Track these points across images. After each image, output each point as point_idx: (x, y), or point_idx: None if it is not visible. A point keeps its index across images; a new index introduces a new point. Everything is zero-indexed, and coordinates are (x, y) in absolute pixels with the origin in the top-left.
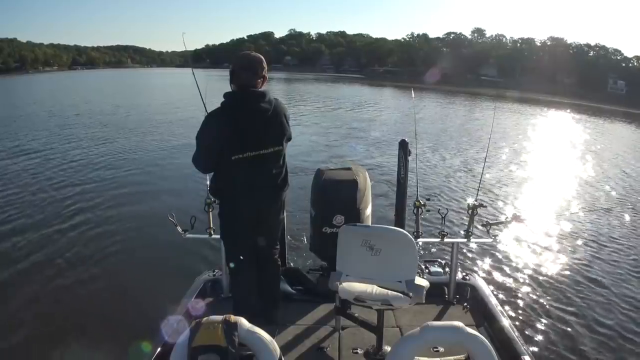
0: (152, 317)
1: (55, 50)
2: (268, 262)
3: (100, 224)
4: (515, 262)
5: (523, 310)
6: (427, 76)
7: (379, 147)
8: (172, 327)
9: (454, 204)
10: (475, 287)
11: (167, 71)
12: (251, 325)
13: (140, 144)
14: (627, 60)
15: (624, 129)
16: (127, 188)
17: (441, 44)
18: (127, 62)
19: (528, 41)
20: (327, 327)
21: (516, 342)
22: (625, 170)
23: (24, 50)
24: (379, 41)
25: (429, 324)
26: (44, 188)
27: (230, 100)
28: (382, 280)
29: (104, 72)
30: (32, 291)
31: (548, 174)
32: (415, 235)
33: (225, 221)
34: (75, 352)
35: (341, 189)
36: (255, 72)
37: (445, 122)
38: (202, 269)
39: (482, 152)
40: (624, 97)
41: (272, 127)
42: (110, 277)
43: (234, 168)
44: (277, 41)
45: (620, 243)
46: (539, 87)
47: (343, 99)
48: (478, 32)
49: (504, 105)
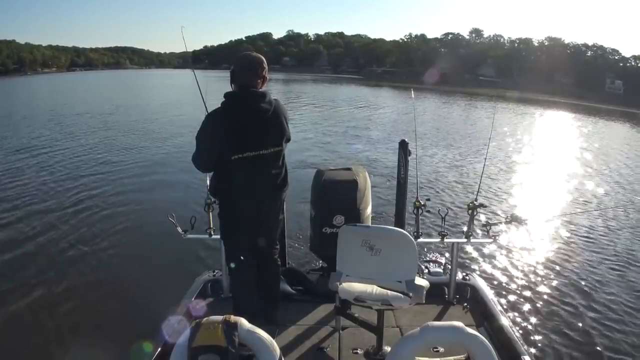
0: (152, 317)
1: (54, 51)
2: (268, 262)
3: (100, 224)
4: (515, 262)
5: (523, 310)
6: (426, 76)
7: (379, 147)
8: (172, 327)
9: (454, 204)
10: (475, 287)
11: (165, 72)
12: (251, 326)
13: (139, 144)
14: (624, 60)
15: (622, 129)
16: (127, 188)
17: (439, 44)
18: (125, 63)
19: (526, 41)
20: (327, 327)
21: (516, 342)
22: (624, 170)
23: (22, 51)
24: (377, 42)
25: (429, 324)
26: (44, 187)
27: (231, 100)
28: (382, 281)
29: (102, 73)
30: (32, 291)
31: (547, 174)
32: (415, 236)
33: (225, 221)
34: (76, 352)
35: (341, 189)
36: (256, 72)
37: (444, 122)
38: (202, 269)
39: (481, 152)
40: (621, 96)
41: (272, 127)
42: (110, 277)
43: (233, 168)
44: (275, 42)
45: (620, 243)
46: (537, 87)
47: (342, 100)
48: (476, 33)
49: (502, 105)
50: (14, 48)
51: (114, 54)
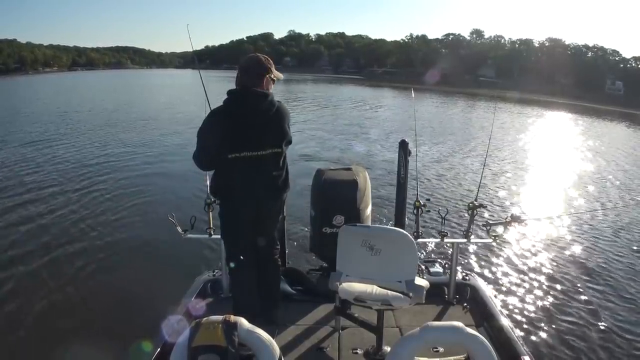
0: (152, 317)
1: (55, 51)
2: (268, 262)
3: (100, 224)
4: (515, 262)
5: (523, 310)
6: (426, 77)
7: (379, 147)
8: (172, 327)
9: (454, 204)
10: (475, 287)
11: (166, 72)
12: (251, 325)
13: (140, 143)
14: (625, 61)
15: (622, 129)
16: (126, 188)
17: (440, 45)
18: (126, 63)
19: (526, 42)
20: (327, 327)
21: (516, 342)
22: (624, 170)
23: (23, 51)
24: (378, 42)
25: (429, 324)
26: (43, 187)
27: (232, 98)
28: (382, 281)
29: (103, 73)
30: (32, 292)
31: (548, 174)
32: (415, 236)
33: (225, 221)
34: (76, 352)
35: (341, 189)
36: (258, 72)
37: (444, 122)
38: (202, 269)
39: (481, 152)
40: (621, 97)
41: (272, 128)
42: (110, 277)
43: (232, 167)
44: (276, 42)
45: (620, 242)
46: (537, 88)
47: (342, 100)
48: (477, 33)
49: (502, 105)
50: (15, 47)
51: (115, 54)
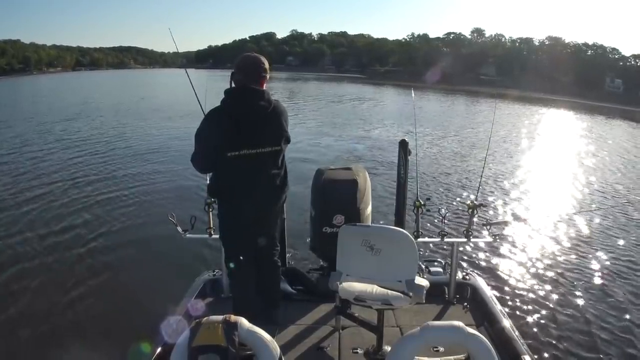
0: (152, 317)
1: (59, 51)
2: (268, 262)
3: (100, 224)
4: (515, 262)
5: (523, 310)
6: (427, 76)
7: (379, 146)
8: (172, 327)
9: (454, 204)
10: (475, 287)
11: (169, 72)
12: (251, 325)
13: (140, 143)
14: (624, 59)
15: (622, 127)
16: (127, 188)
17: (441, 43)
18: (129, 63)
19: (527, 41)
20: (327, 327)
21: (516, 342)
22: (624, 169)
23: (27, 51)
24: (380, 41)
25: (429, 323)
26: (43, 187)
27: (229, 97)
28: (382, 280)
29: (107, 73)
30: (32, 291)
31: (548, 174)
32: (415, 235)
33: (225, 221)
34: (75, 352)
35: (341, 188)
36: (253, 72)
37: (445, 121)
38: (202, 269)
39: (482, 152)
40: (621, 95)
41: (270, 126)
42: (110, 277)
43: (231, 167)
44: (279, 42)
45: (622, 241)
46: (537, 86)
47: (344, 98)
48: (477, 32)
49: (503, 104)
50: (19, 48)
51: (119, 54)
